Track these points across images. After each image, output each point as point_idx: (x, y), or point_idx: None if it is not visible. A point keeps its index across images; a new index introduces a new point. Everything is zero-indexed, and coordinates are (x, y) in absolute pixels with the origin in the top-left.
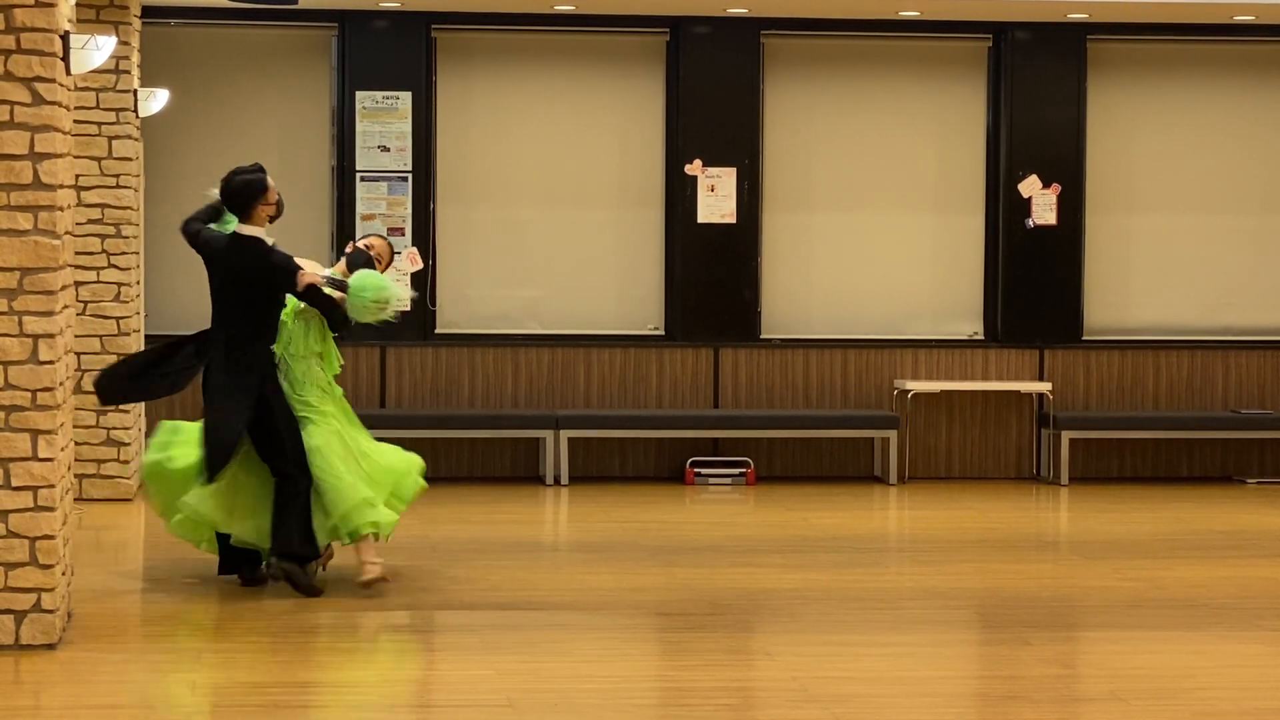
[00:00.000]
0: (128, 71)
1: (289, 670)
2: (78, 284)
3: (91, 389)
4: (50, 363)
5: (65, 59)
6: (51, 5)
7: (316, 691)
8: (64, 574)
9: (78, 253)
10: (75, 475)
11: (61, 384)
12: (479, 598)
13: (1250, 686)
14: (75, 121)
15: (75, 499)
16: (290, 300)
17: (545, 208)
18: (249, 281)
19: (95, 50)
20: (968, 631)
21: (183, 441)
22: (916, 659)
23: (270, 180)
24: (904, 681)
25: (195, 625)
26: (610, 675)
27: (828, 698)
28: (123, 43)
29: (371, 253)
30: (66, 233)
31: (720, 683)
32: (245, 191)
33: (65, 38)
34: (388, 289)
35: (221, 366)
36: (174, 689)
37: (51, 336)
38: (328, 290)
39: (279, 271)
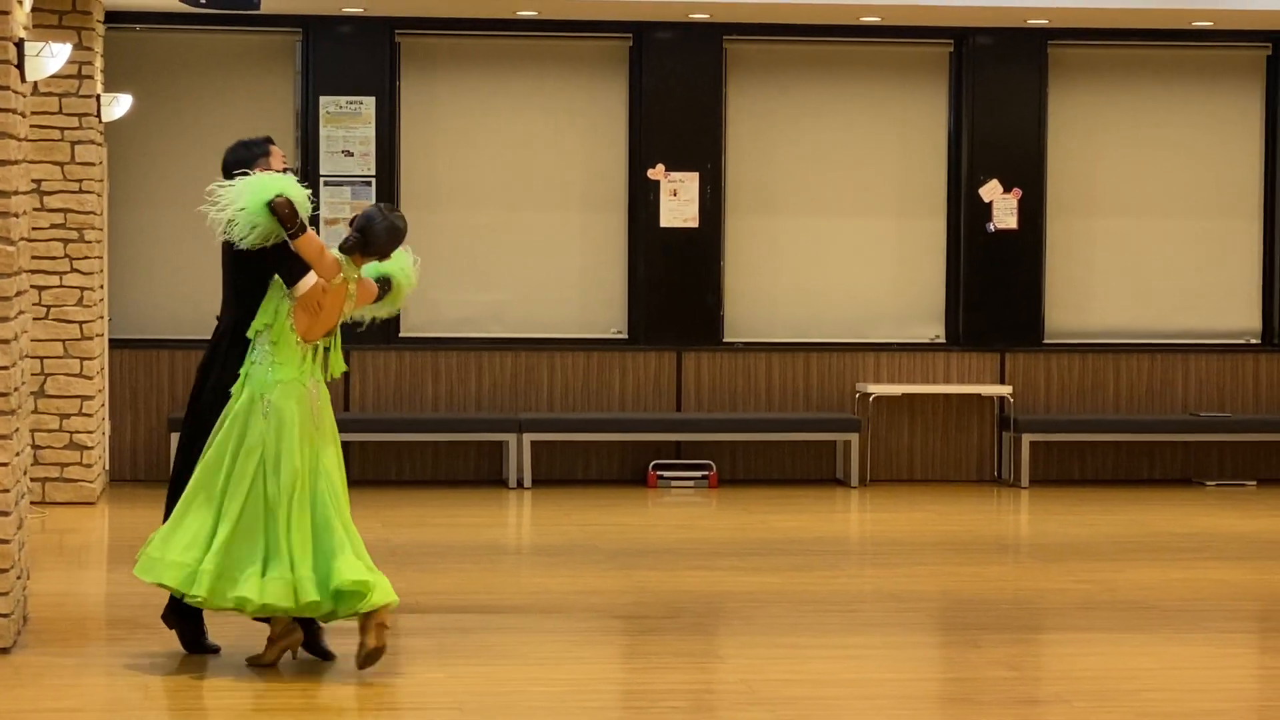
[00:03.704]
0: (90, 77)
1: (243, 673)
2: (40, 288)
3: (56, 392)
4: (5, 368)
5: (20, 66)
6: (6, 13)
7: (270, 695)
8: (19, 578)
9: (40, 257)
10: (38, 479)
11: (17, 389)
12: (435, 601)
13: (1194, 688)
14: (38, 127)
15: (38, 502)
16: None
17: (509, 212)
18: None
19: (50, 57)
20: (919, 634)
21: None
22: (866, 661)
23: (274, 147)
24: (852, 683)
25: (152, 629)
26: (560, 678)
27: (775, 700)
28: (85, 48)
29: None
30: (22, 239)
31: (670, 685)
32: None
33: (20, 45)
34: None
35: None
36: (127, 692)
37: (6, 342)
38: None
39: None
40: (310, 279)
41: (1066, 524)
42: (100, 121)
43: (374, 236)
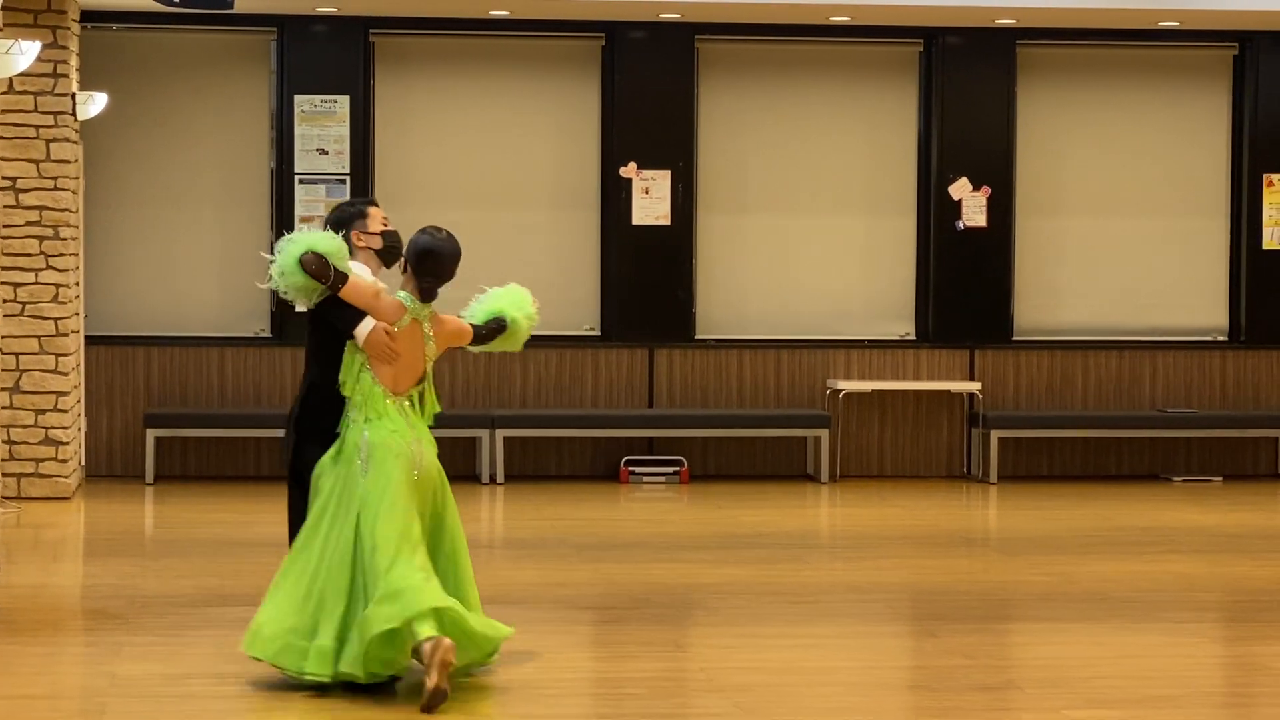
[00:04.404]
0: (66, 75)
1: (209, 663)
2: (16, 285)
3: (32, 388)
4: None
5: None
6: None
7: (231, 682)
8: None
9: (15, 254)
10: (14, 475)
11: None
12: None
13: (1144, 676)
14: (13, 125)
15: (13, 498)
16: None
17: (482, 210)
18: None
19: (20, 55)
20: (879, 624)
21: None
22: (823, 650)
23: (373, 208)
24: (807, 671)
25: (121, 619)
26: (520, 668)
27: (731, 687)
28: (61, 47)
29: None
30: None
31: (629, 674)
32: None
33: None
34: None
35: None
36: (93, 680)
37: None
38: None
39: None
40: (368, 325)
41: (1032, 519)
42: (75, 120)
43: (410, 256)
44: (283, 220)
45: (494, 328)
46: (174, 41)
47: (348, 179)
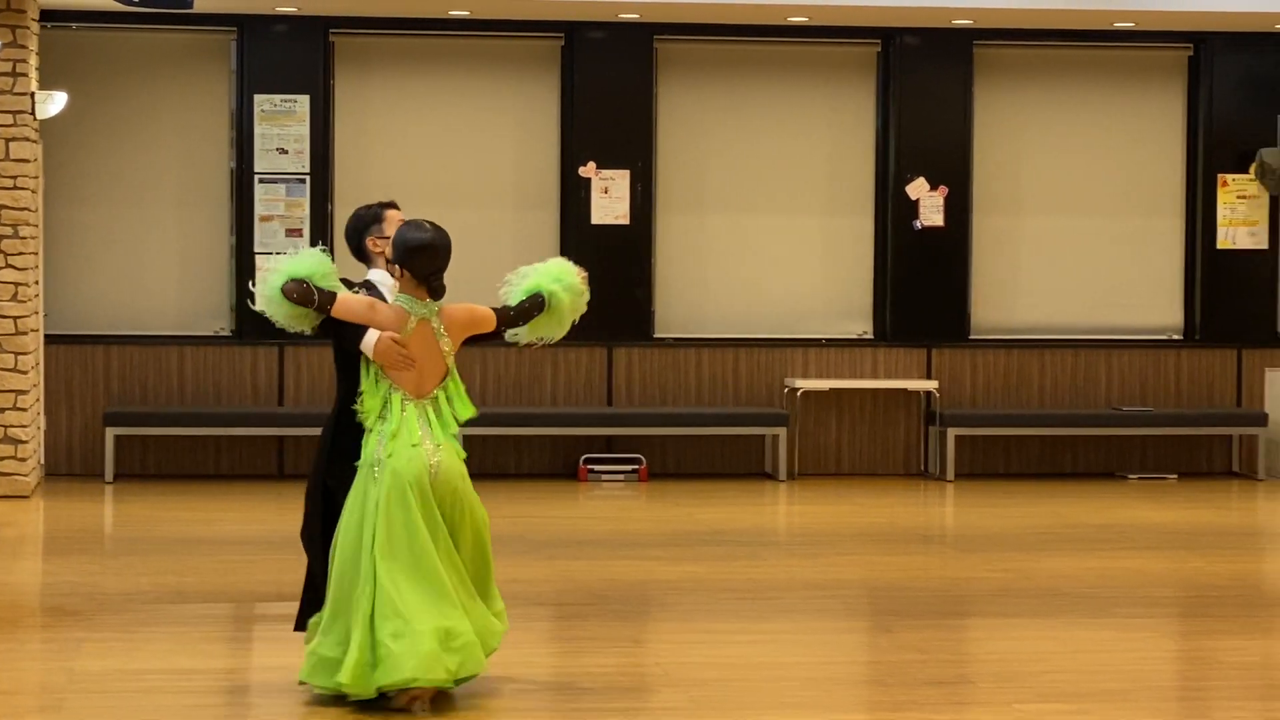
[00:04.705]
0: (25, 74)
1: (167, 659)
2: None
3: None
4: None
5: None
6: None
7: (189, 678)
8: None
9: None
10: None
11: None
12: None
13: (1094, 670)
14: None
15: None
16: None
17: (441, 209)
18: None
19: None
20: (835, 620)
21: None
22: (779, 646)
23: (389, 211)
24: (763, 666)
25: (80, 616)
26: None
27: (688, 682)
28: (20, 46)
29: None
30: None
31: (587, 669)
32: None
33: None
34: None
35: None
36: (51, 676)
37: None
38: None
39: None
40: (372, 337)
41: (989, 516)
42: (35, 118)
43: (397, 255)
44: (243, 219)
45: (525, 308)
46: (134, 41)
47: (308, 178)
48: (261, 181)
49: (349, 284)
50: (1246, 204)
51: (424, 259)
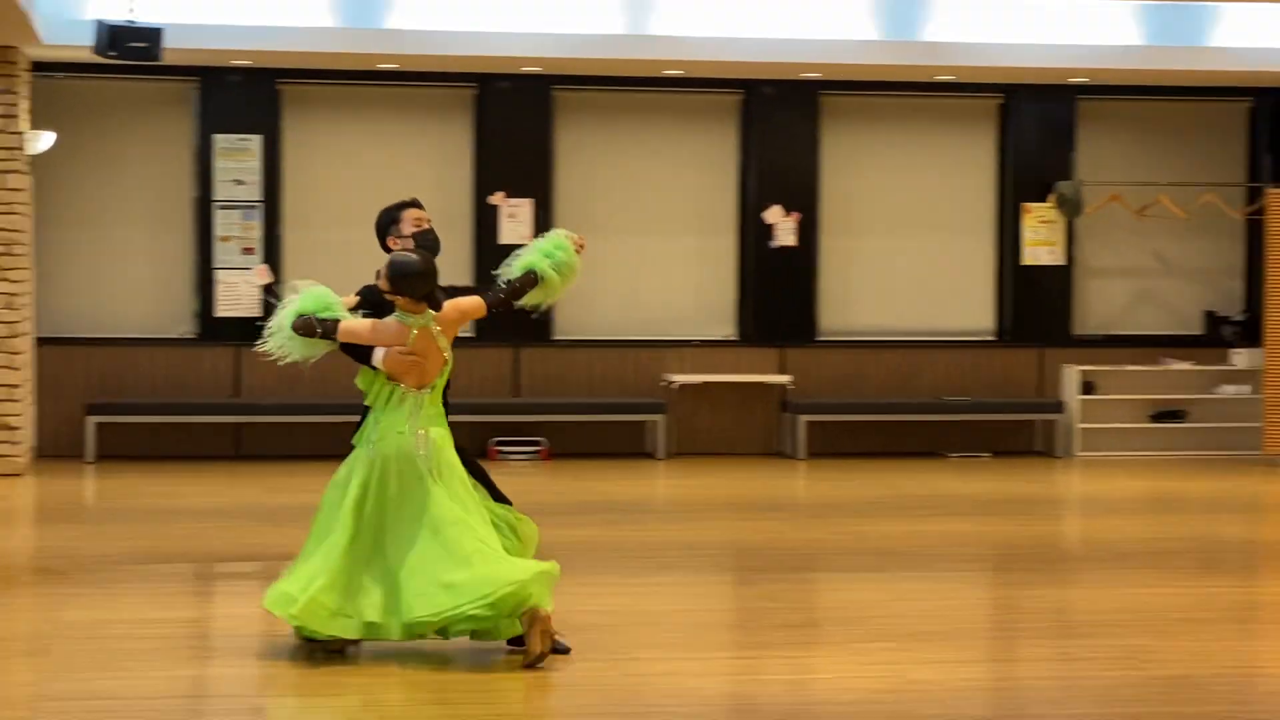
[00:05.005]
0: (16, 116)
1: (140, 610)
2: None
3: None
4: None
5: None
6: None
7: (158, 626)
8: None
9: None
10: None
11: None
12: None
13: (919, 615)
14: None
15: None
16: None
17: (371, 230)
18: None
19: None
20: (705, 574)
21: None
22: (658, 596)
23: (406, 211)
24: (643, 614)
25: (65, 575)
26: None
27: (575, 626)
28: (13, 92)
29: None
30: None
31: None
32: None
33: None
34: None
35: None
36: (39, 625)
37: None
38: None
39: None
40: (380, 354)
41: (834, 488)
42: (26, 154)
43: (390, 285)
44: (205, 241)
45: (517, 287)
46: (111, 88)
47: (261, 205)
48: (221, 208)
49: (371, 290)
50: (1047, 228)
51: (418, 285)
